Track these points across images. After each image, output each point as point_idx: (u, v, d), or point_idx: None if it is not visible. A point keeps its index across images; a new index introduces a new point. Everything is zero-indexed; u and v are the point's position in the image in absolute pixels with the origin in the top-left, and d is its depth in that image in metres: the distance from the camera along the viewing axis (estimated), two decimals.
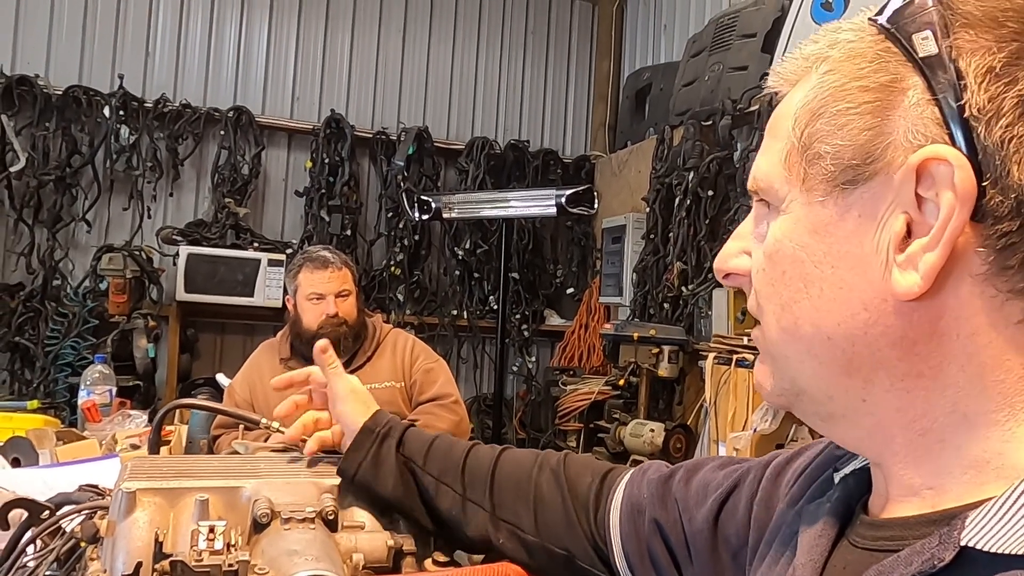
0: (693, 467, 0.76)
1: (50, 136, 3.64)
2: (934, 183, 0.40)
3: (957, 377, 0.42)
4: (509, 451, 0.91)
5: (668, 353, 3.22)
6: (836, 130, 0.44)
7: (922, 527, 0.43)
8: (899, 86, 0.42)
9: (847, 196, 0.44)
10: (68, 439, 1.93)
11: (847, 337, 0.44)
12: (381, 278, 4.22)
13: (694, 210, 3.35)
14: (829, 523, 0.51)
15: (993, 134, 0.39)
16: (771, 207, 0.49)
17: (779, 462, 0.67)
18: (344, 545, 0.79)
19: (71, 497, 1.03)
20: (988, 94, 0.39)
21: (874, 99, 0.43)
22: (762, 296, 0.50)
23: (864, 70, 0.43)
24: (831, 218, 0.45)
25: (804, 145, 0.46)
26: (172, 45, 4.03)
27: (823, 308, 0.45)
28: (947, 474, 0.43)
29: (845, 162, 0.44)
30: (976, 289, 0.41)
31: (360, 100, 4.37)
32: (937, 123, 0.41)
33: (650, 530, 0.75)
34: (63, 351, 3.56)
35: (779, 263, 0.47)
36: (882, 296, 0.43)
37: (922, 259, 0.41)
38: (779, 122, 0.49)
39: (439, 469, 0.89)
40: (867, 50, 0.44)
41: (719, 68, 3.40)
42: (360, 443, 0.91)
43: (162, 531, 0.75)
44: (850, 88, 0.44)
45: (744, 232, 0.53)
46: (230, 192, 3.93)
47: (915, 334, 0.43)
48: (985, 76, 0.39)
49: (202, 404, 1.34)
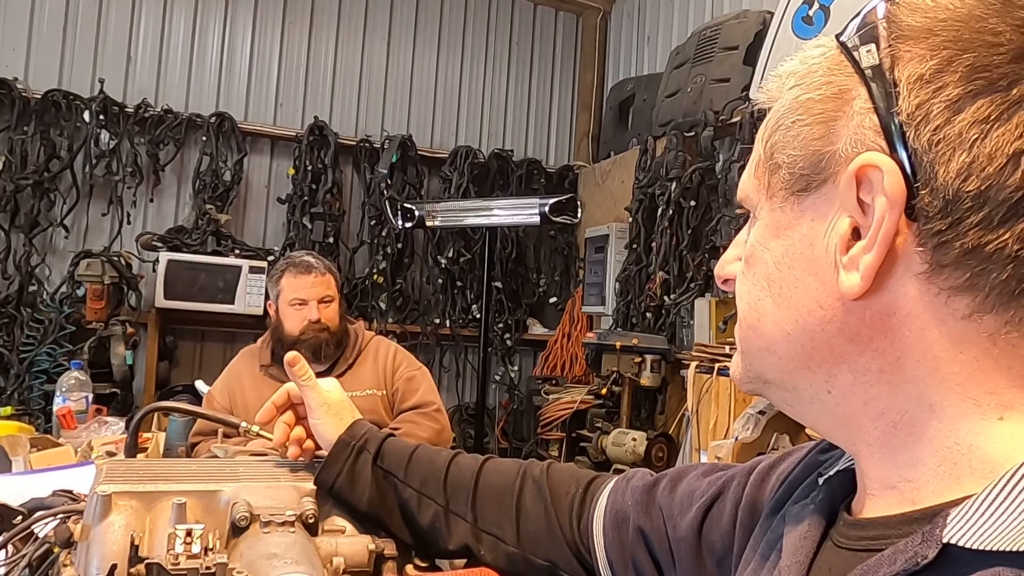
0: (677, 475, 0.77)
1: (28, 140, 3.59)
2: (871, 188, 0.43)
3: (916, 371, 0.44)
4: (492, 461, 0.90)
5: (650, 362, 3.22)
6: (791, 140, 0.47)
7: (904, 526, 0.44)
8: (846, 96, 0.45)
9: (801, 202, 0.47)
10: (42, 446, 1.90)
11: (805, 332, 0.47)
12: (364, 286, 4.20)
13: (676, 220, 3.37)
14: (813, 524, 0.52)
15: (922, 138, 0.41)
16: (752, 217, 0.52)
17: (763, 468, 0.68)
18: (324, 549, 0.78)
19: (44, 502, 1.01)
20: (918, 99, 0.41)
21: (822, 110, 0.46)
22: (739, 295, 0.53)
23: (818, 83, 0.46)
24: (788, 222, 0.48)
25: (767, 156, 0.50)
26: (154, 49, 4.00)
27: (783, 306, 0.48)
28: (922, 465, 0.44)
29: (798, 171, 0.47)
30: (921, 287, 0.43)
31: (344, 107, 4.36)
32: (875, 131, 0.43)
33: (634, 538, 0.75)
34: (38, 358, 3.50)
35: (752, 265, 0.51)
36: (835, 296, 0.45)
37: (862, 260, 0.43)
38: (757, 138, 0.53)
39: (420, 480, 0.88)
40: (824, 64, 0.47)
41: (702, 80, 3.43)
42: (336, 456, 0.90)
43: (138, 535, 0.74)
44: (803, 100, 0.47)
45: (739, 240, 0.56)
46: (211, 198, 3.89)
47: (869, 331, 0.44)
48: (915, 83, 0.42)
49: (183, 407, 1.32)
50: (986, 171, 0.40)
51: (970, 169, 0.40)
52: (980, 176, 0.40)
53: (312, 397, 0.96)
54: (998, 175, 0.40)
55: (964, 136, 0.40)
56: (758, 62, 3.19)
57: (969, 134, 0.40)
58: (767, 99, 0.52)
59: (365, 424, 0.95)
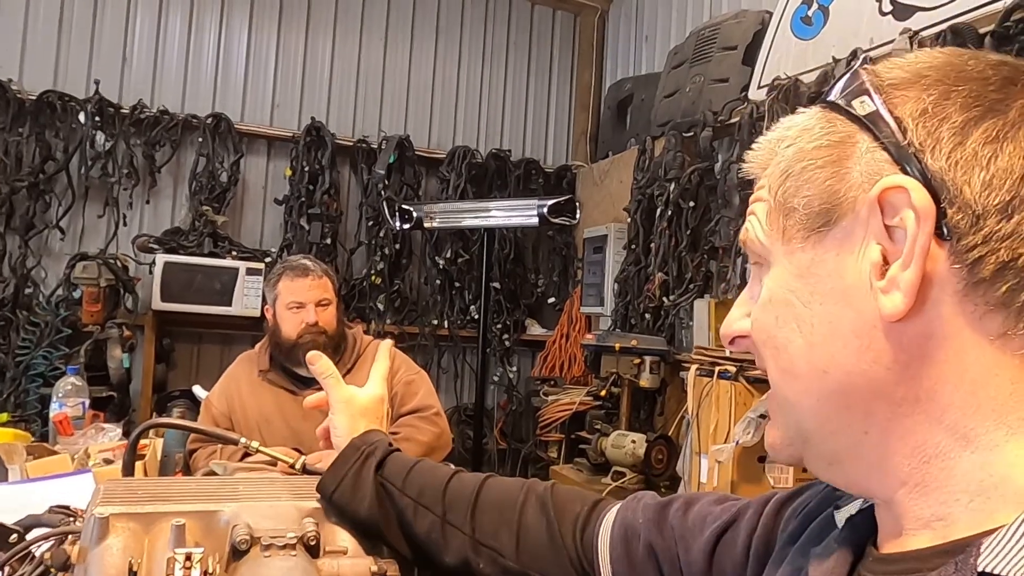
0: (690, 499, 0.76)
1: (23, 142, 3.57)
2: (896, 210, 0.44)
3: (952, 397, 0.43)
4: (494, 478, 0.90)
5: (650, 364, 3.21)
6: (804, 184, 0.49)
7: (936, 558, 0.43)
8: (849, 141, 0.47)
9: (823, 238, 0.48)
10: (39, 454, 1.88)
11: (841, 367, 0.46)
12: (361, 287, 4.19)
13: (675, 221, 3.36)
14: (840, 560, 0.51)
15: (938, 160, 0.43)
16: (762, 266, 0.53)
17: (779, 498, 0.67)
18: (326, 571, 0.77)
19: (41, 519, 1.00)
20: (926, 129, 0.43)
21: (829, 154, 0.48)
22: (760, 345, 0.52)
23: (817, 135, 0.49)
24: (812, 260, 0.48)
25: (779, 203, 0.50)
26: (150, 50, 3.97)
27: (816, 343, 0.48)
28: (954, 502, 0.44)
29: (816, 208, 0.48)
30: (957, 307, 0.43)
31: (341, 108, 4.34)
32: (888, 162, 0.45)
33: (644, 555, 0.75)
34: (34, 362, 3.48)
35: (772, 310, 0.51)
36: (871, 323, 0.45)
37: (901, 278, 0.43)
38: (757, 196, 0.53)
39: (418, 490, 0.87)
40: (817, 123, 0.49)
41: (700, 80, 3.42)
42: (344, 459, 0.90)
43: (136, 559, 0.72)
44: (808, 150, 0.49)
45: (743, 299, 0.56)
46: (208, 200, 3.87)
47: (906, 357, 0.44)
48: (920, 116, 0.44)
49: (178, 423, 1.30)
50: (1007, 184, 0.41)
51: (992, 184, 0.41)
52: (1003, 189, 0.41)
53: (333, 393, 0.97)
54: (1019, 186, 0.41)
55: (978, 155, 0.42)
56: (757, 62, 3.18)
57: (983, 152, 0.42)
58: (755, 166, 0.54)
59: (380, 434, 0.94)
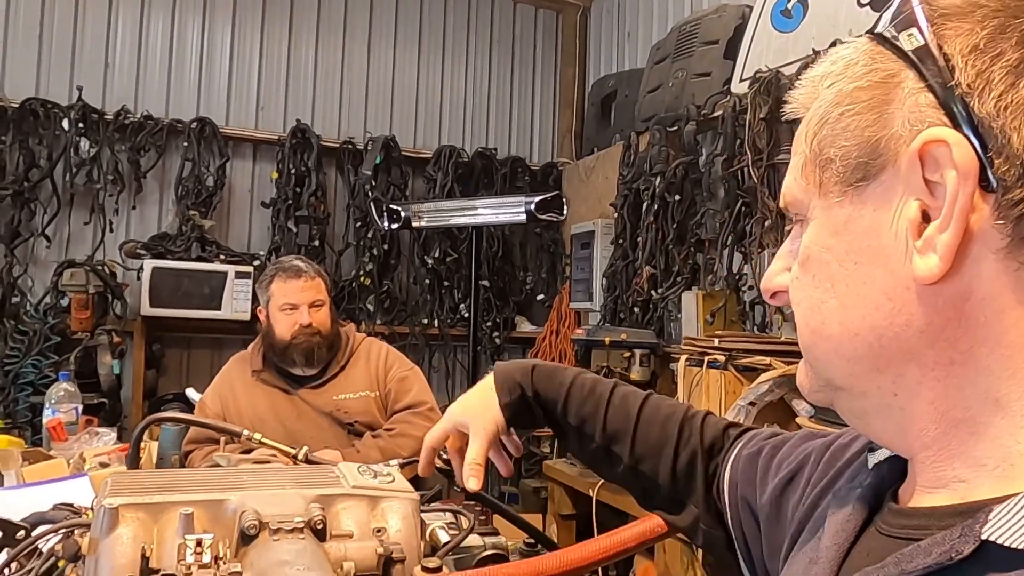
0: (778, 443, 0.78)
1: (7, 150, 3.54)
2: (938, 165, 0.41)
3: (988, 361, 0.42)
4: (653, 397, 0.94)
5: (640, 356, 3.24)
6: (841, 132, 0.46)
7: (948, 518, 0.43)
8: (893, 80, 0.44)
9: (861, 193, 0.45)
10: (35, 459, 1.89)
11: (873, 330, 0.45)
12: (350, 288, 4.19)
13: (661, 215, 3.38)
14: (857, 509, 0.52)
15: (987, 105, 0.40)
16: (802, 221, 0.51)
17: (839, 445, 0.67)
18: (334, 554, 0.79)
19: (46, 516, 1.01)
20: (976, 69, 0.40)
21: (871, 96, 0.44)
22: (795, 302, 0.51)
23: (859, 73, 0.45)
24: (849, 216, 0.46)
25: (815, 153, 0.48)
26: (132, 55, 3.95)
27: (849, 304, 0.46)
28: (980, 467, 0.43)
29: (853, 161, 0.45)
30: (999, 265, 0.41)
31: (326, 109, 4.34)
32: (933, 107, 0.42)
33: (741, 505, 0.78)
34: (24, 370, 3.46)
35: (809, 268, 0.49)
36: (904, 284, 0.43)
37: (938, 240, 0.41)
38: (796, 141, 0.51)
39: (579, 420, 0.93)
40: (862, 57, 0.46)
41: (683, 75, 3.45)
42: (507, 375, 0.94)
43: (147, 546, 0.74)
44: (849, 91, 0.46)
45: (784, 251, 0.54)
46: (195, 204, 3.86)
47: (941, 320, 0.42)
48: (971, 54, 0.40)
49: (184, 418, 1.31)
50: None
51: None
52: None
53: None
54: None
55: None
56: (738, 56, 3.22)
57: None
58: (798, 106, 0.51)
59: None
